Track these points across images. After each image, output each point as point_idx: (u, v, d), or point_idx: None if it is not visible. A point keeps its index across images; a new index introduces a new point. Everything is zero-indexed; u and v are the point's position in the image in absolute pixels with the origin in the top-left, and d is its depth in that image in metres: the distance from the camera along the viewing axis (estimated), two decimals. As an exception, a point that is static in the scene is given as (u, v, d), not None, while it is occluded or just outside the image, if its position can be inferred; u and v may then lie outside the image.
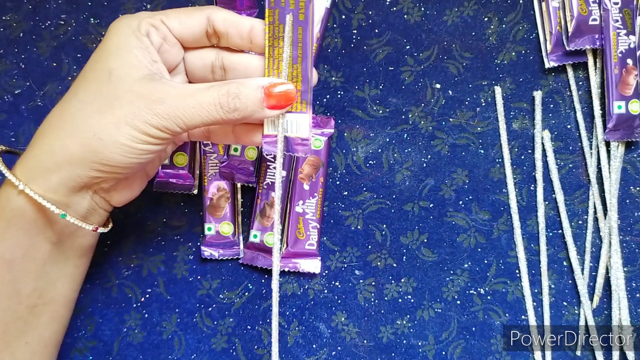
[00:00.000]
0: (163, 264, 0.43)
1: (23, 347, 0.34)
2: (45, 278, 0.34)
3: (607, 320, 0.42)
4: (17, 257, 0.32)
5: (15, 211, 0.32)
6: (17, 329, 0.33)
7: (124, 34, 0.32)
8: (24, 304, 0.33)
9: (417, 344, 0.42)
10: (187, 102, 0.31)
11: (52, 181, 0.31)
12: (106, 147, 0.30)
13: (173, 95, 0.31)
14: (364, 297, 0.43)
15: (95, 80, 0.31)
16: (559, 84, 0.44)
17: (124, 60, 0.31)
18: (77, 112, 0.31)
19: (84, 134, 0.30)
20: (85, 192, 0.33)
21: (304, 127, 0.34)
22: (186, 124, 0.31)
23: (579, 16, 0.42)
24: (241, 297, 0.43)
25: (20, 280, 0.33)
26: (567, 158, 0.43)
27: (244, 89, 0.32)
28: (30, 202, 0.31)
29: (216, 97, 0.31)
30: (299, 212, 0.42)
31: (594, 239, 0.43)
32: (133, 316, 0.43)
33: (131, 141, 0.31)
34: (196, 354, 0.42)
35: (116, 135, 0.30)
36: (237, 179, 0.42)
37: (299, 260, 0.42)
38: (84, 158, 0.31)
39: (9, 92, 0.44)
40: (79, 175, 0.31)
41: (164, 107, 0.30)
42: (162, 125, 0.31)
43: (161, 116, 0.30)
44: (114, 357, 0.42)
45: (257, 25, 0.34)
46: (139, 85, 0.31)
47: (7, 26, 0.45)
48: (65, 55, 0.44)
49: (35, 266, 0.33)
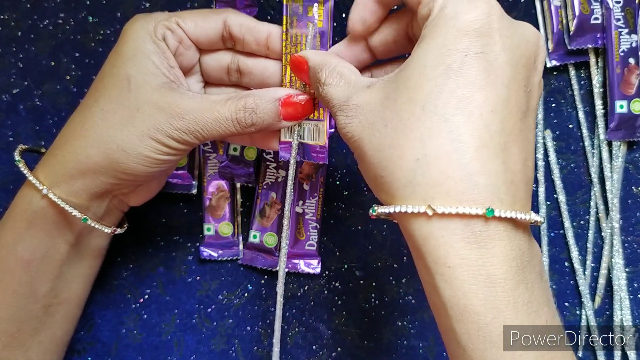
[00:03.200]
0: (162, 264, 0.43)
1: (36, 345, 0.35)
2: (61, 278, 0.35)
3: (608, 320, 0.42)
4: (36, 258, 0.33)
5: (37, 213, 0.33)
6: (32, 327, 0.34)
7: (139, 38, 0.32)
8: (39, 304, 0.34)
9: (418, 344, 0.42)
10: (205, 117, 0.31)
11: (75, 187, 0.32)
12: (129, 159, 0.31)
13: (191, 110, 0.31)
14: (364, 297, 0.42)
15: (115, 87, 0.32)
16: (560, 83, 0.44)
17: (142, 66, 0.31)
18: (99, 121, 0.32)
19: (108, 145, 0.31)
20: (106, 196, 0.34)
21: (321, 134, 0.34)
22: (205, 137, 0.32)
23: (581, 15, 0.42)
24: (241, 298, 0.43)
25: (37, 280, 0.33)
26: (569, 158, 0.43)
27: (260, 103, 0.32)
28: (52, 206, 0.32)
29: (233, 112, 0.31)
30: (299, 212, 0.42)
31: (595, 239, 0.42)
32: (132, 317, 0.42)
33: (153, 153, 0.31)
34: (195, 354, 0.42)
35: (139, 147, 0.31)
36: (236, 179, 0.42)
37: (299, 261, 0.42)
38: (108, 168, 0.32)
39: (7, 92, 0.44)
40: (102, 182, 0.32)
41: (184, 122, 0.31)
42: (182, 139, 0.31)
43: (181, 131, 0.31)
44: (113, 358, 0.42)
45: (274, 33, 0.34)
46: (159, 96, 0.31)
47: (4, 25, 0.44)
48: (63, 55, 0.44)
49: (53, 267, 0.34)
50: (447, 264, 0.23)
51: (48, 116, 0.44)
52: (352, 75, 0.29)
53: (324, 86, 0.29)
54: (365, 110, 0.26)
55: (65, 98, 0.44)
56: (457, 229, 0.23)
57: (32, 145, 0.37)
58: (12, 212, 0.33)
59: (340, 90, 0.28)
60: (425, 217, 0.23)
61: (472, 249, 0.23)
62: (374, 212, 0.26)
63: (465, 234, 0.23)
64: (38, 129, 0.44)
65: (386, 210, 0.25)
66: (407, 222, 0.25)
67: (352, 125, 0.26)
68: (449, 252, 0.23)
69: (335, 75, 0.29)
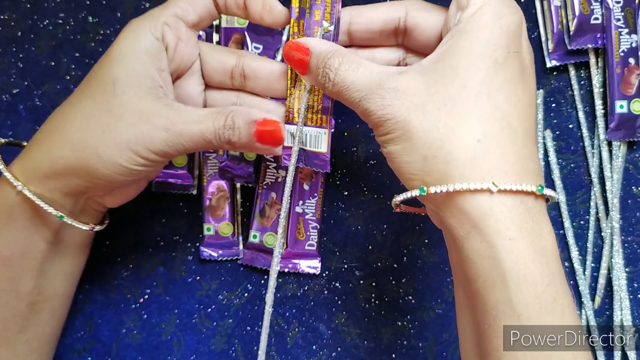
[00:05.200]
0: (162, 264, 0.43)
1: (23, 343, 0.35)
2: (44, 276, 0.34)
3: (608, 320, 0.42)
4: (15, 254, 0.33)
5: (13, 209, 0.32)
6: (17, 325, 0.34)
7: (134, 37, 0.32)
8: (24, 301, 0.34)
9: (418, 344, 0.42)
10: (190, 130, 0.31)
11: (49, 185, 0.32)
12: (105, 166, 0.31)
13: (177, 122, 0.31)
14: (364, 297, 0.42)
15: (99, 90, 0.31)
16: (560, 83, 0.44)
17: (129, 68, 0.31)
18: (80, 124, 0.31)
19: (86, 150, 0.31)
20: (81, 196, 0.34)
21: (323, 142, 0.33)
22: (185, 150, 0.32)
23: (581, 15, 0.42)
24: (241, 298, 0.43)
25: (19, 277, 0.33)
26: (569, 158, 0.43)
27: (237, 121, 0.32)
28: (27, 202, 0.32)
29: (217, 126, 0.31)
30: (299, 212, 0.42)
31: (595, 240, 0.42)
32: (132, 317, 0.42)
33: (129, 163, 0.31)
34: (195, 354, 0.42)
35: (116, 156, 0.31)
36: (236, 179, 0.42)
37: (298, 261, 0.42)
38: (81, 172, 0.31)
39: (6, 92, 0.44)
40: (76, 184, 0.32)
41: (168, 135, 0.31)
42: (162, 151, 0.31)
43: (163, 143, 0.31)
44: (113, 358, 0.42)
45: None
46: (144, 104, 0.31)
47: (5, 25, 0.44)
48: (63, 55, 0.44)
49: (34, 264, 0.34)
50: (509, 236, 0.25)
51: (48, 116, 0.44)
52: (370, 63, 0.29)
53: (339, 72, 0.29)
54: (409, 94, 0.27)
55: (65, 98, 0.44)
56: (514, 205, 0.26)
57: (12, 139, 0.36)
58: None
59: (362, 75, 0.29)
60: (488, 193, 0.25)
61: (529, 223, 0.26)
62: (422, 192, 0.27)
63: (521, 209, 0.26)
64: (38, 129, 0.44)
65: (442, 189, 0.26)
66: (462, 201, 0.26)
67: (393, 107, 0.27)
68: (510, 226, 0.25)
69: (352, 62, 0.29)
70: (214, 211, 0.42)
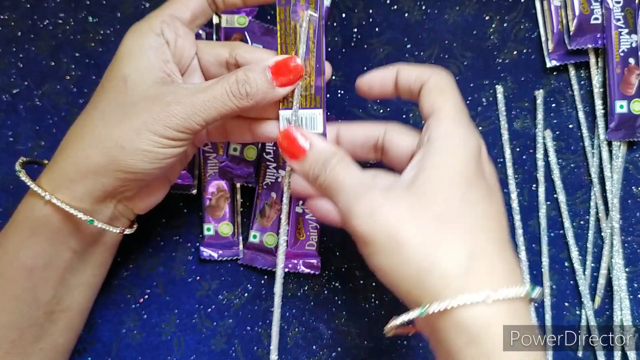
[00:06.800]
0: (162, 264, 0.43)
1: (38, 352, 0.34)
2: (64, 286, 0.34)
3: (608, 320, 0.42)
4: (38, 265, 0.33)
5: (40, 220, 0.32)
6: (33, 334, 0.34)
7: (137, 37, 0.33)
8: (41, 311, 0.34)
9: (418, 345, 0.42)
10: (201, 98, 0.31)
11: (77, 191, 0.32)
12: (128, 155, 0.31)
13: (186, 94, 0.31)
14: (364, 297, 0.42)
15: (112, 90, 0.32)
16: (560, 83, 0.44)
17: (137, 63, 0.32)
18: (98, 122, 0.32)
19: (106, 143, 0.31)
20: (109, 201, 0.34)
21: (319, 122, 0.34)
22: (204, 119, 0.31)
23: (581, 15, 0.42)
24: (240, 298, 0.43)
25: (40, 287, 0.33)
26: (569, 158, 0.43)
27: (251, 74, 0.32)
28: (56, 212, 0.32)
29: (227, 86, 0.31)
30: (299, 212, 0.42)
31: (595, 240, 0.42)
32: (132, 317, 0.42)
33: (152, 146, 0.31)
34: (195, 354, 0.42)
35: (137, 142, 0.31)
36: (236, 179, 0.42)
37: (298, 261, 0.42)
38: (107, 167, 0.31)
39: (6, 92, 0.44)
40: (103, 184, 0.32)
41: (180, 107, 0.31)
42: (181, 126, 0.31)
43: (179, 117, 0.31)
44: (113, 358, 0.42)
45: None
46: (154, 90, 0.31)
47: (5, 25, 0.44)
48: (63, 55, 0.44)
49: (56, 274, 0.34)
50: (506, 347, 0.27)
51: (48, 116, 0.44)
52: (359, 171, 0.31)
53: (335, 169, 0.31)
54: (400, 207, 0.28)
55: (65, 98, 0.44)
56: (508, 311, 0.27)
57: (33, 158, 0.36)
58: (15, 219, 0.33)
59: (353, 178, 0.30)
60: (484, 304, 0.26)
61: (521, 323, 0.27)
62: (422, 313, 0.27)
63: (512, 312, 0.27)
64: (38, 129, 0.44)
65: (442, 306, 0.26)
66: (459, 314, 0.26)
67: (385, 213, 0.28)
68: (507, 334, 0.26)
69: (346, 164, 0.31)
70: (214, 211, 0.42)
